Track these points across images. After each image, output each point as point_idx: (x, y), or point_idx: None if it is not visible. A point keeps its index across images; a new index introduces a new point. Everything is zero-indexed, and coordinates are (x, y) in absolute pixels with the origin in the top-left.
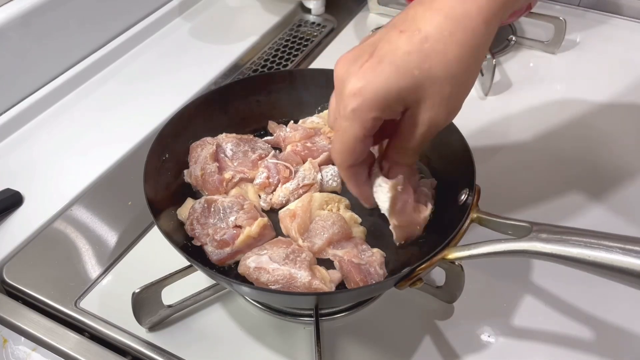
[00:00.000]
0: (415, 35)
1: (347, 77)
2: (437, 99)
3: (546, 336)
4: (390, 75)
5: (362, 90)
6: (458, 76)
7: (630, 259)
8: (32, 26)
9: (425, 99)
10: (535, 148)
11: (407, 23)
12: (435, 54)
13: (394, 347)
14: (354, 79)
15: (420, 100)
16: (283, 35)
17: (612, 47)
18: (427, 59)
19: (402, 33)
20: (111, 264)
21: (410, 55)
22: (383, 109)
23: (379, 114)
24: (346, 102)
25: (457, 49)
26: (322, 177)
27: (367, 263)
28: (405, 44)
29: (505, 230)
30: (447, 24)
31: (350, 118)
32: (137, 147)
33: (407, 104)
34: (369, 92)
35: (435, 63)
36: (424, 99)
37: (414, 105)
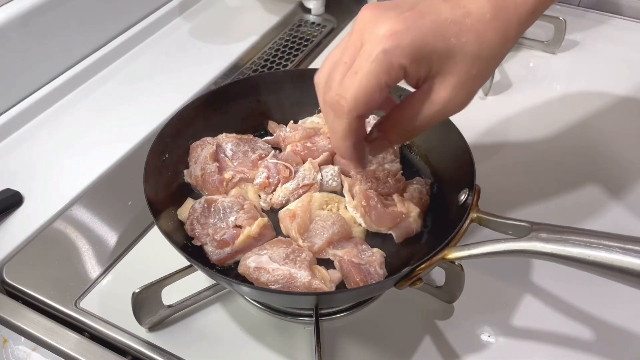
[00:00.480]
0: (459, 8)
1: (382, 20)
2: (462, 77)
3: (546, 336)
4: (430, 32)
5: (399, 33)
6: (487, 60)
7: (631, 258)
8: (32, 26)
9: (451, 73)
10: (535, 148)
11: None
12: (474, 32)
13: (394, 347)
14: (391, 21)
15: (446, 72)
16: (283, 35)
17: (612, 47)
18: (465, 34)
19: (446, 2)
20: (111, 264)
21: (451, 24)
22: (413, 61)
23: (409, 64)
24: (376, 42)
25: (493, 34)
26: (322, 177)
27: (367, 263)
28: (448, 12)
29: (505, 230)
30: (489, 8)
31: (379, 60)
32: (137, 147)
33: (431, 72)
34: (406, 37)
35: (471, 39)
36: (450, 72)
37: (437, 75)
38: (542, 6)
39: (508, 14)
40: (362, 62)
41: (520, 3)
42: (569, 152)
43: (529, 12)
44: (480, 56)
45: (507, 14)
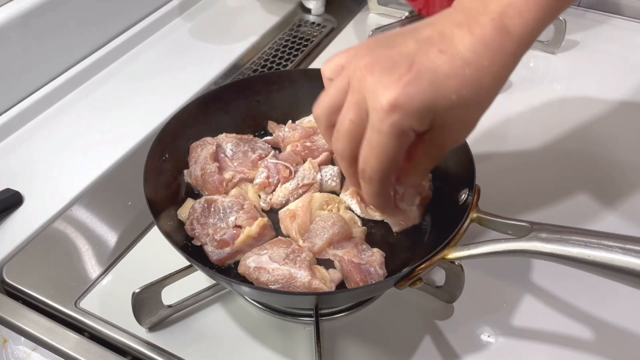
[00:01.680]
0: (456, 59)
1: (383, 87)
2: (464, 123)
3: (546, 336)
4: (431, 94)
5: (403, 105)
6: (485, 104)
7: (631, 258)
8: (32, 26)
9: (453, 122)
10: (535, 148)
11: (446, 43)
12: (472, 82)
13: (394, 347)
14: (392, 91)
15: (448, 123)
16: (283, 35)
17: (612, 47)
18: (465, 86)
19: (442, 54)
20: (111, 264)
21: (451, 80)
22: (419, 122)
23: (417, 125)
24: (383, 116)
25: (491, 80)
26: (322, 177)
27: (367, 263)
28: (446, 66)
29: (505, 230)
30: (486, 54)
31: (390, 133)
32: (137, 147)
33: (435, 123)
34: (411, 108)
35: (471, 90)
36: (452, 122)
37: (440, 126)
38: (538, 33)
39: (505, 53)
40: (375, 137)
41: (517, 37)
42: (569, 152)
43: (526, 43)
44: (477, 103)
45: (505, 53)
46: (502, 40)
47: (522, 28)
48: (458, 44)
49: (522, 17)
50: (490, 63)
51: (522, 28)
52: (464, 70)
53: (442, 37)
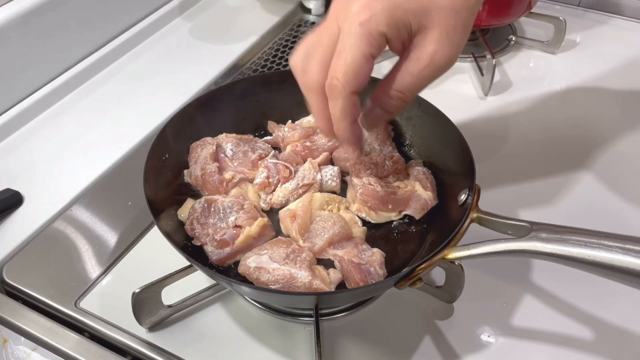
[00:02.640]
0: None
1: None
2: (443, 29)
3: (546, 336)
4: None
5: (371, 4)
6: (461, 12)
7: (631, 258)
8: (32, 26)
9: (431, 27)
10: (535, 148)
11: None
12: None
13: (394, 347)
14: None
15: (426, 27)
16: (283, 35)
17: (612, 47)
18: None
19: None
20: (111, 264)
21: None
22: (391, 26)
23: (387, 29)
24: (353, 18)
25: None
26: (322, 177)
27: (367, 263)
28: None
29: (505, 230)
30: None
31: (358, 33)
32: (137, 147)
33: (412, 32)
34: (378, 5)
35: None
36: (430, 27)
37: (419, 33)
38: None
39: None
40: (343, 42)
41: None
42: (569, 151)
43: None
44: (454, 8)
45: None
46: None
47: None
48: None
49: None
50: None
51: None
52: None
53: None
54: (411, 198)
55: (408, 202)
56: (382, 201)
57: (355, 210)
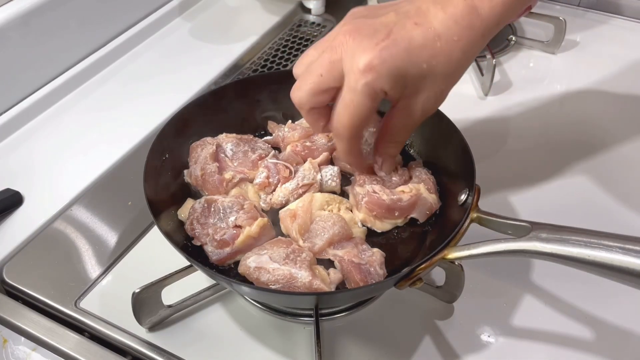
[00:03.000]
0: (429, 32)
1: (361, 51)
2: (433, 92)
3: (546, 336)
4: (404, 60)
5: (378, 67)
6: (454, 76)
7: (631, 258)
8: (32, 26)
9: (423, 91)
10: (535, 148)
11: (421, 17)
12: (442, 54)
13: (394, 347)
14: (369, 54)
15: (419, 90)
16: (283, 35)
17: (612, 47)
18: (436, 57)
19: (417, 26)
20: (111, 264)
21: (424, 50)
22: (391, 86)
23: (388, 89)
24: (358, 76)
25: (459, 53)
26: (322, 177)
27: (367, 263)
28: (420, 37)
29: (505, 230)
30: (456, 29)
31: (364, 92)
32: (137, 147)
33: (406, 91)
34: (384, 70)
35: (440, 61)
36: (422, 90)
37: (412, 94)
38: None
39: (474, 32)
40: (350, 95)
41: (485, 18)
42: (569, 152)
43: (494, 25)
44: (448, 73)
45: (473, 31)
46: (471, 19)
47: (490, 12)
48: (432, 19)
49: (491, 2)
50: (459, 38)
51: (491, 12)
52: (435, 43)
53: (418, 11)
54: (417, 202)
55: (414, 207)
56: (388, 209)
57: (361, 221)
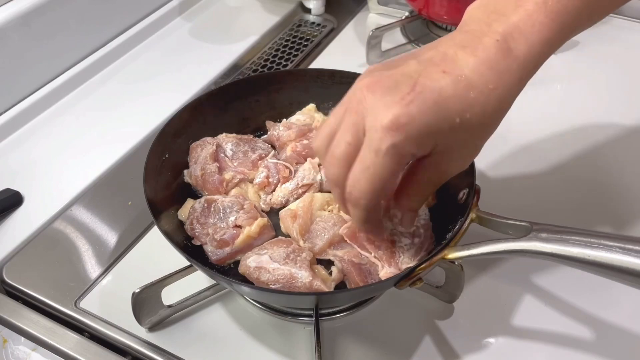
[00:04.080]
0: (460, 81)
1: (384, 107)
2: (467, 149)
3: (546, 336)
4: (434, 116)
5: (405, 124)
6: (490, 127)
7: (631, 258)
8: (32, 26)
9: (456, 147)
10: (535, 147)
11: (449, 64)
12: (477, 105)
13: (393, 347)
14: (394, 110)
15: (450, 148)
16: (283, 35)
17: (612, 47)
18: (469, 109)
19: (446, 74)
20: (111, 264)
21: (454, 102)
22: (420, 146)
23: (417, 150)
24: (382, 136)
25: (496, 103)
26: (322, 177)
27: (367, 263)
28: (450, 87)
29: (505, 230)
30: (491, 76)
31: (390, 155)
32: (137, 147)
33: (437, 148)
34: (412, 128)
35: (475, 113)
36: (455, 147)
37: (442, 151)
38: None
39: (511, 77)
40: (371, 157)
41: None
42: (569, 151)
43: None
44: (482, 127)
45: (510, 76)
46: (507, 63)
47: (527, 51)
48: (462, 66)
49: (527, 41)
50: (495, 86)
51: (528, 51)
52: (468, 93)
53: (444, 57)
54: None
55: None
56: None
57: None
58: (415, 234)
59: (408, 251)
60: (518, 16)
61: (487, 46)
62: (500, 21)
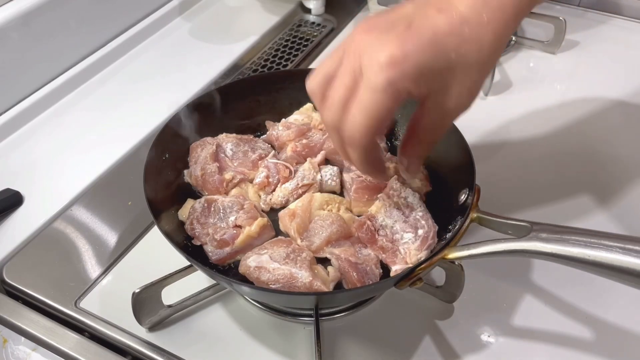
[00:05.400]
0: (455, 17)
1: (380, 44)
2: (465, 84)
3: (546, 336)
4: (429, 52)
5: (401, 60)
6: (486, 63)
7: (631, 258)
8: (32, 26)
9: (454, 84)
10: (535, 148)
11: (443, 3)
12: (472, 40)
13: (393, 347)
14: (390, 46)
15: (448, 85)
16: (283, 35)
17: (612, 47)
18: (465, 44)
19: (440, 12)
20: (111, 264)
21: (450, 37)
22: (417, 83)
23: (413, 87)
24: (378, 71)
25: (491, 37)
26: (322, 177)
27: (364, 262)
28: (445, 24)
29: (505, 230)
30: (485, 10)
31: (385, 90)
32: (137, 147)
33: (435, 86)
34: (409, 63)
35: (470, 48)
36: (453, 84)
37: (440, 90)
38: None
39: (505, 12)
40: (367, 93)
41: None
42: (569, 151)
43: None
44: (479, 61)
45: (504, 11)
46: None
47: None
48: (456, 3)
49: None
50: (489, 19)
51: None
52: (463, 28)
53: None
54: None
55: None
56: (378, 189)
57: (357, 213)
58: (418, 225)
59: (413, 244)
60: None
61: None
62: None
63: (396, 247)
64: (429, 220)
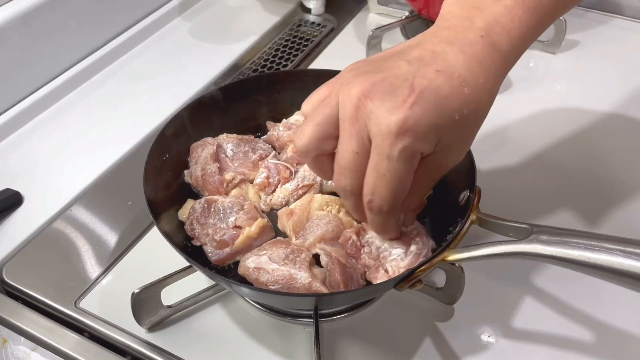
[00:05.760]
0: (454, 79)
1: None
2: (463, 142)
3: (546, 338)
4: (436, 115)
5: (413, 127)
6: (481, 120)
7: (631, 261)
8: (32, 26)
9: (455, 142)
10: (536, 148)
11: (440, 62)
12: (472, 101)
13: (393, 349)
14: (398, 113)
15: (450, 142)
16: (283, 35)
17: (612, 47)
18: (466, 105)
19: (440, 73)
20: (111, 264)
21: (452, 100)
22: (429, 145)
23: (426, 148)
24: (392, 141)
25: (487, 96)
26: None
27: (352, 267)
28: (446, 86)
29: (505, 232)
30: (481, 71)
31: (402, 158)
32: (137, 147)
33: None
34: (421, 130)
35: (471, 109)
36: (454, 142)
37: (442, 148)
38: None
39: (497, 71)
40: (385, 163)
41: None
42: (569, 152)
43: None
44: (477, 118)
45: (496, 70)
46: (493, 57)
47: (510, 45)
48: (454, 63)
49: (509, 35)
50: (485, 80)
51: (510, 45)
52: (463, 89)
53: (434, 56)
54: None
55: None
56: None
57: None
58: (411, 242)
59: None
60: (498, 11)
61: (473, 42)
62: (481, 17)
63: (379, 263)
64: (423, 237)
